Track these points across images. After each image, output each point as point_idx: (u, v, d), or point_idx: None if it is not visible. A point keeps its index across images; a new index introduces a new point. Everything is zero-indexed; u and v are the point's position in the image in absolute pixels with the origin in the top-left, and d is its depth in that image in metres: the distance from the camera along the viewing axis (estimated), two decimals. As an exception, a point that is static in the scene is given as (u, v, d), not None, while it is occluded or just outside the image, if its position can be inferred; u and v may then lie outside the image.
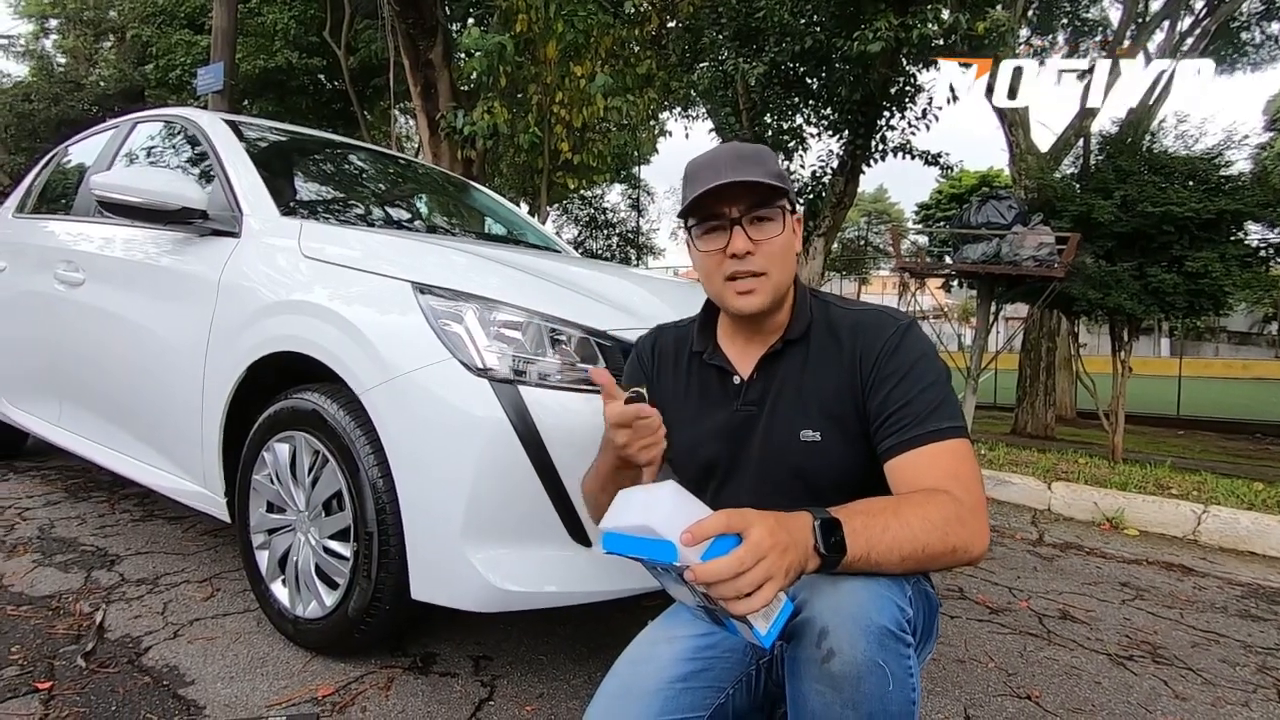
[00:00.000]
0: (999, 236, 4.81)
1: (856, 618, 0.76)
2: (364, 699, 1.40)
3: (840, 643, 0.75)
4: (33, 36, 18.25)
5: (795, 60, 6.70)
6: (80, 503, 2.57)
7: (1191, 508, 3.12)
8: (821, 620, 0.76)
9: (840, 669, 0.75)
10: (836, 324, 1.03)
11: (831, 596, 0.77)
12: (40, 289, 2.40)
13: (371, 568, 1.41)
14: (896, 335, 0.98)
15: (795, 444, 1.00)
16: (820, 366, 1.01)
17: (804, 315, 1.05)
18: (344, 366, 1.46)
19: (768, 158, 1.00)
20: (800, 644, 0.78)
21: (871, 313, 1.03)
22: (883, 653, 0.75)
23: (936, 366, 0.98)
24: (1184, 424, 12.33)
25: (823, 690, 0.76)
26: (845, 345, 1.01)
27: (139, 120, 2.59)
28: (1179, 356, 18.00)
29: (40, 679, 1.39)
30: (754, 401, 1.04)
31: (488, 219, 2.98)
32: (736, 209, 0.98)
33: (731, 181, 0.96)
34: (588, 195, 16.87)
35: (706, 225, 1.01)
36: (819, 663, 0.76)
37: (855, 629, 0.75)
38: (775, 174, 0.98)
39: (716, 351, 1.10)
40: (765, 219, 0.99)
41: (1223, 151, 5.68)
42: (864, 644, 0.75)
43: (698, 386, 1.11)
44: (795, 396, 1.02)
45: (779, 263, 1.00)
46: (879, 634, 0.76)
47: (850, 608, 0.76)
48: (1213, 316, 6.12)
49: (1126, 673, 1.76)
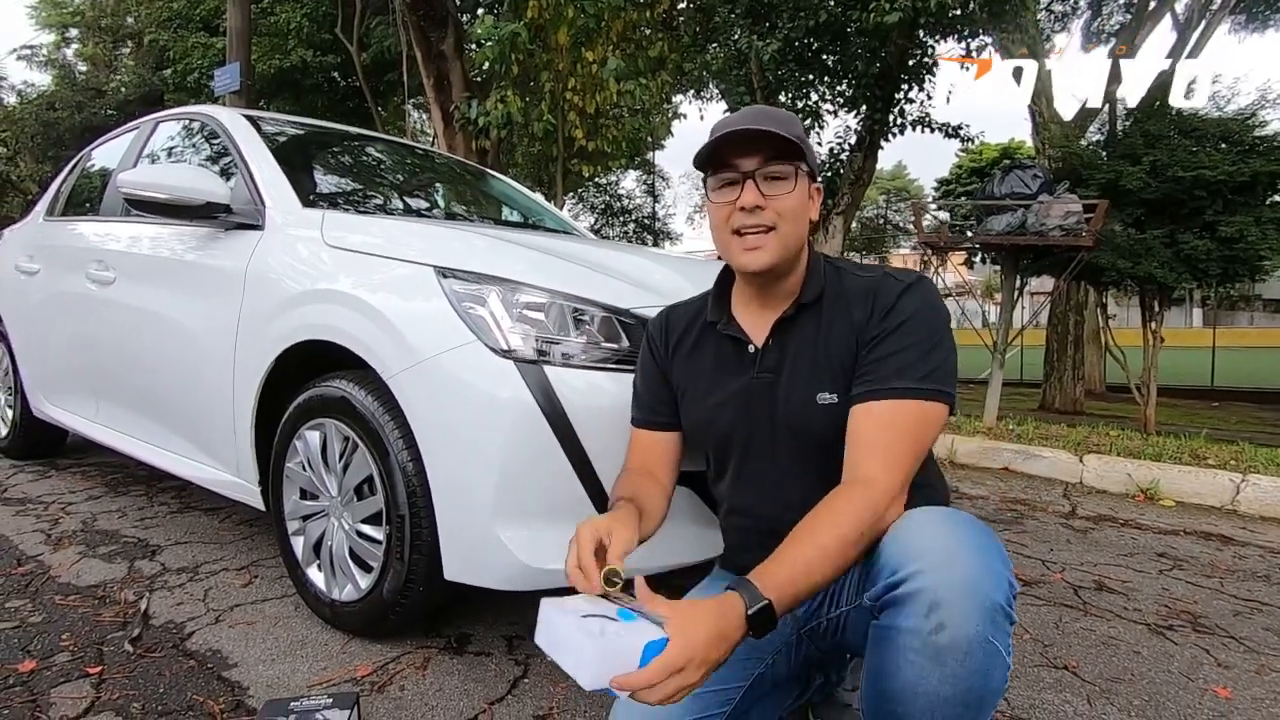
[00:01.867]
0: (1024, 207, 4.71)
1: (973, 593, 0.75)
2: (402, 678, 1.42)
3: (953, 616, 0.74)
4: (54, 46, 18.58)
5: (809, 36, 6.58)
6: (120, 496, 2.64)
7: (1230, 477, 3.05)
8: (935, 593, 0.75)
9: (948, 642, 0.74)
10: (849, 289, 1.03)
11: (945, 570, 0.76)
12: (73, 289, 2.46)
13: (404, 550, 1.43)
14: (895, 294, 0.98)
15: (813, 407, 1.00)
16: (834, 330, 1.01)
17: (817, 280, 1.04)
18: (370, 353, 1.47)
19: (792, 121, 1.00)
20: (903, 614, 0.77)
21: (879, 276, 1.02)
22: (994, 629, 0.75)
23: (926, 325, 0.96)
24: (1218, 395, 12.05)
25: (922, 662, 0.75)
26: (855, 310, 1.00)
27: (161, 119, 2.62)
28: (1212, 326, 17.55)
29: (90, 664, 1.44)
30: (770, 368, 1.04)
31: (505, 205, 2.99)
32: (751, 162, 0.98)
33: (747, 132, 0.96)
34: (602, 182, 16.83)
35: (721, 178, 1.01)
36: (925, 633, 0.75)
37: (971, 605, 0.74)
38: (796, 135, 0.97)
39: (731, 322, 1.09)
40: (778, 177, 0.98)
41: (1257, 112, 5.49)
42: (978, 619, 0.74)
43: (713, 358, 1.11)
44: (811, 360, 1.01)
45: (789, 220, 0.99)
46: (993, 610, 0.75)
47: (964, 582, 0.75)
48: (1248, 283, 5.96)
49: (1166, 642, 1.73)
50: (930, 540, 0.79)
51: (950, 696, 0.75)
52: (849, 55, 6.84)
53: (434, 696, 1.36)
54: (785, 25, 6.46)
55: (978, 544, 0.78)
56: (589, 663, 0.75)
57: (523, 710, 1.33)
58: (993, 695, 0.77)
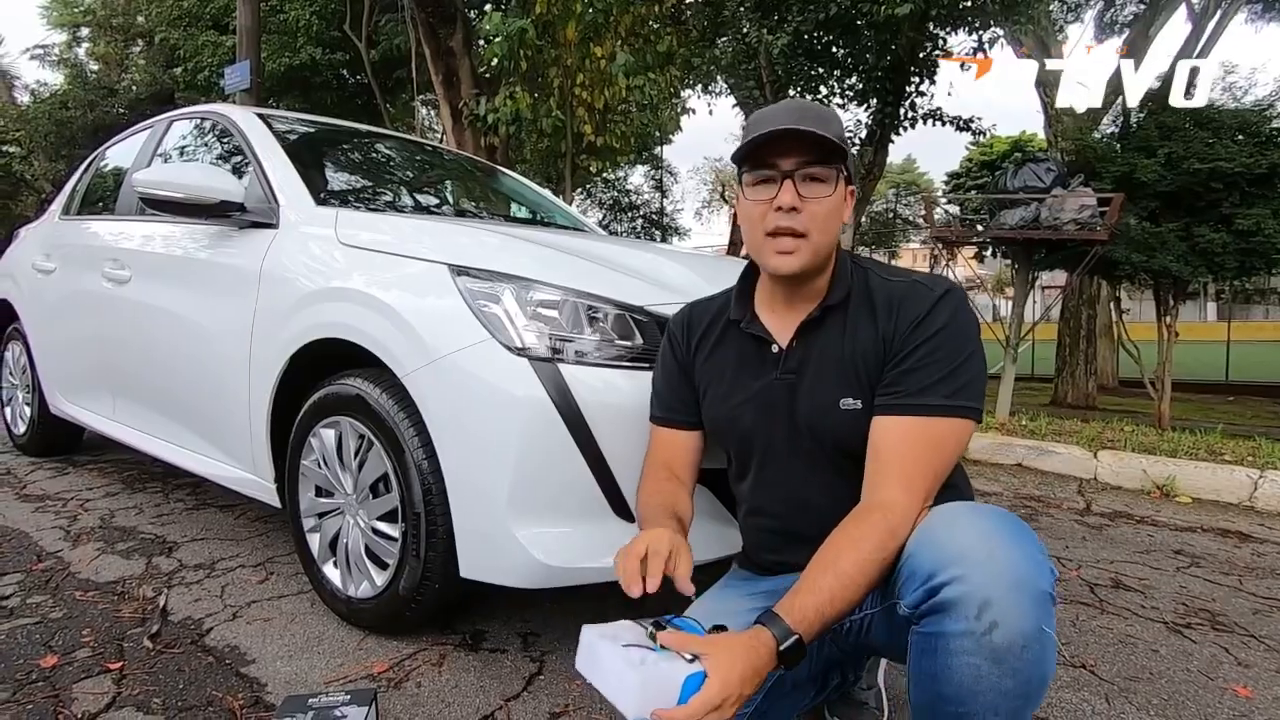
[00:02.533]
0: (1038, 200, 4.66)
1: (1021, 585, 0.74)
2: (418, 675, 1.43)
3: (1005, 613, 0.73)
4: (66, 46, 18.71)
5: (819, 29, 6.54)
6: (137, 493, 2.66)
7: (1247, 473, 3.02)
8: (983, 593, 0.74)
9: (1004, 639, 0.73)
10: (875, 293, 1.01)
11: (988, 566, 0.76)
12: (89, 288, 2.48)
13: (420, 547, 1.43)
14: (927, 304, 0.96)
15: (836, 412, 0.99)
16: (860, 335, 0.99)
17: (844, 282, 1.02)
18: (385, 351, 1.47)
19: (833, 119, 0.98)
20: (951, 618, 0.76)
21: (908, 284, 1.00)
22: (1045, 617, 0.75)
23: (958, 340, 0.94)
24: (1234, 390, 11.92)
25: (977, 663, 0.75)
26: (881, 317, 0.98)
27: (174, 118, 2.64)
28: (1228, 320, 17.36)
29: (111, 660, 1.45)
30: (793, 370, 1.03)
31: (515, 202, 2.99)
32: (791, 162, 0.96)
33: (789, 131, 0.94)
34: (611, 178, 16.80)
35: (758, 175, 0.99)
36: (979, 635, 0.74)
37: (1022, 597, 0.74)
38: (838, 134, 0.96)
39: (754, 320, 1.08)
40: (818, 179, 0.96)
41: (1275, 103, 5.41)
42: (1031, 612, 0.74)
43: (736, 356, 1.10)
44: (836, 364, 1.00)
45: (822, 225, 0.97)
46: (1043, 599, 0.75)
47: (1011, 575, 0.75)
48: (1264, 277, 5.88)
49: (1185, 640, 1.71)
50: (965, 539, 0.78)
51: (1011, 690, 0.75)
52: (859, 48, 6.80)
53: (450, 693, 1.37)
54: (795, 18, 6.43)
55: (1013, 534, 0.78)
56: (631, 692, 0.77)
57: (539, 707, 1.33)
58: (1048, 679, 0.77)
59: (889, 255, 21.75)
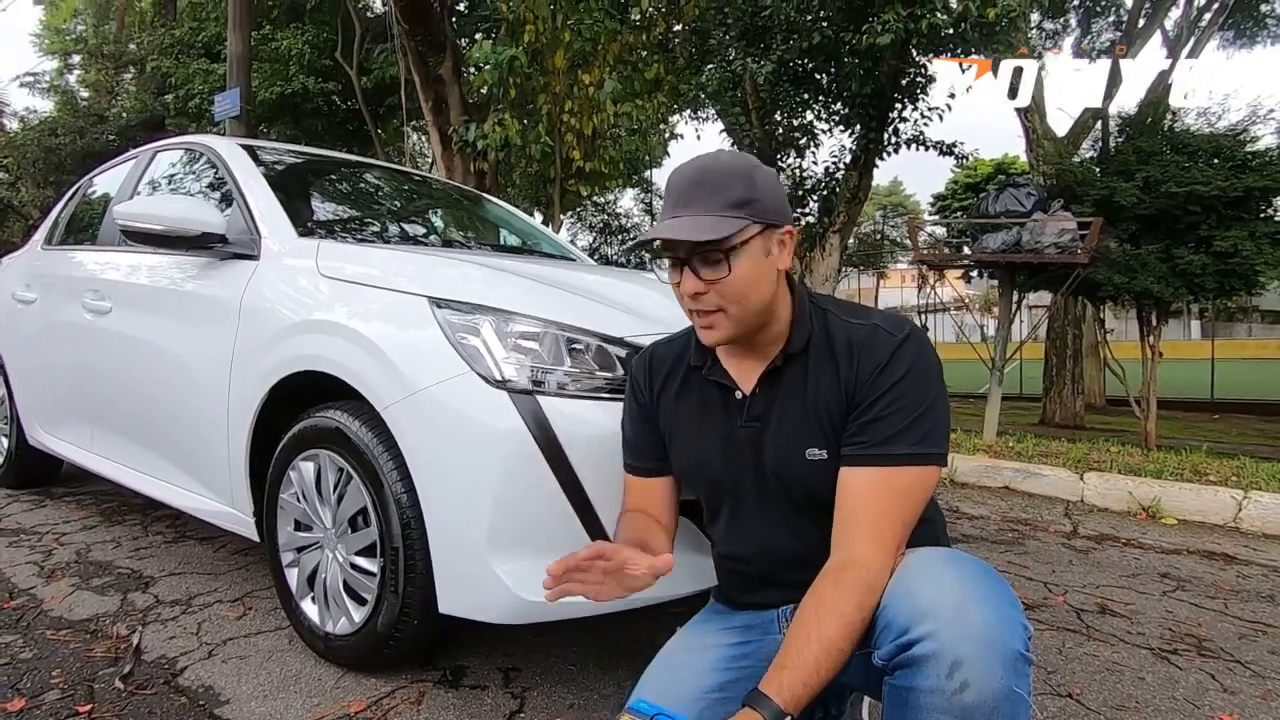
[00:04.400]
0: (1019, 224, 4.74)
1: (993, 645, 0.74)
2: (396, 714, 1.40)
3: (976, 673, 0.73)
4: (57, 73, 18.79)
5: (804, 57, 6.66)
6: (115, 526, 2.62)
7: (1231, 494, 3.03)
8: (954, 651, 0.74)
9: (975, 700, 0.73)
10: (835, 338, 0.99)
11: (960, 625, 0.75)
12: (70, 318, 2.46)
13: (399, 583, 1.41)
14: (888, 351, 0.94)
15: (803, 463, 0.98)
16: (821, 383, 0.98)
17: (804, 328, 1.01)
18: (364, 383, 1.47)
19: (731, 181, 0.93)
20: (922, 675, 0.75)
21: (868, 329, 0.98)
22: (1016, 678, 0.74)
23: (921, 386, 0.93)
24: (1218, 408, 12.03)
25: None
26: (843, 364, 0.97)
27: (159, 149, 2.64)
28: (1210, 339, 17.57)
29: (81, 702, 1.42)
30: (757, 417, 1.02)
31: (502, 230, 3.00)
32: (684, 249, 0.94)
33: (663, 239, 0.93)
34: (600, 202, 16.92)
35: (666, 258, 0.99)
36: (949, 694, 0.73)
37: (993, 657, 0.73)
38: (732, 202, 0.92)
39: (716, 366, 1.06)
40: (715, 261, 0.93)
41: (1248, 127, 5.55)
42: (1001, 673, 0.73)
43: (698, 403, 1.08)
44: (800, 413, 0.99)
45: (736, 297, 0.95)
46: (1015, 660, 0.74)
47: (983, 635, 0.74)
48: (1244, 296, 5.97)
49: (1171, 667, 1.71)
50: (939, 593, 0.78)
51: None
52: (843, 75, 6.92)
53: (428, 733, 1.34)
54: (779, 47, 6.54)
55: (987, 590, 0.77)
56: None
57: (518, 747, 1.31)
58: None
59: (877, 276, 21.93)
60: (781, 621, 1.05)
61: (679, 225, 0.92)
